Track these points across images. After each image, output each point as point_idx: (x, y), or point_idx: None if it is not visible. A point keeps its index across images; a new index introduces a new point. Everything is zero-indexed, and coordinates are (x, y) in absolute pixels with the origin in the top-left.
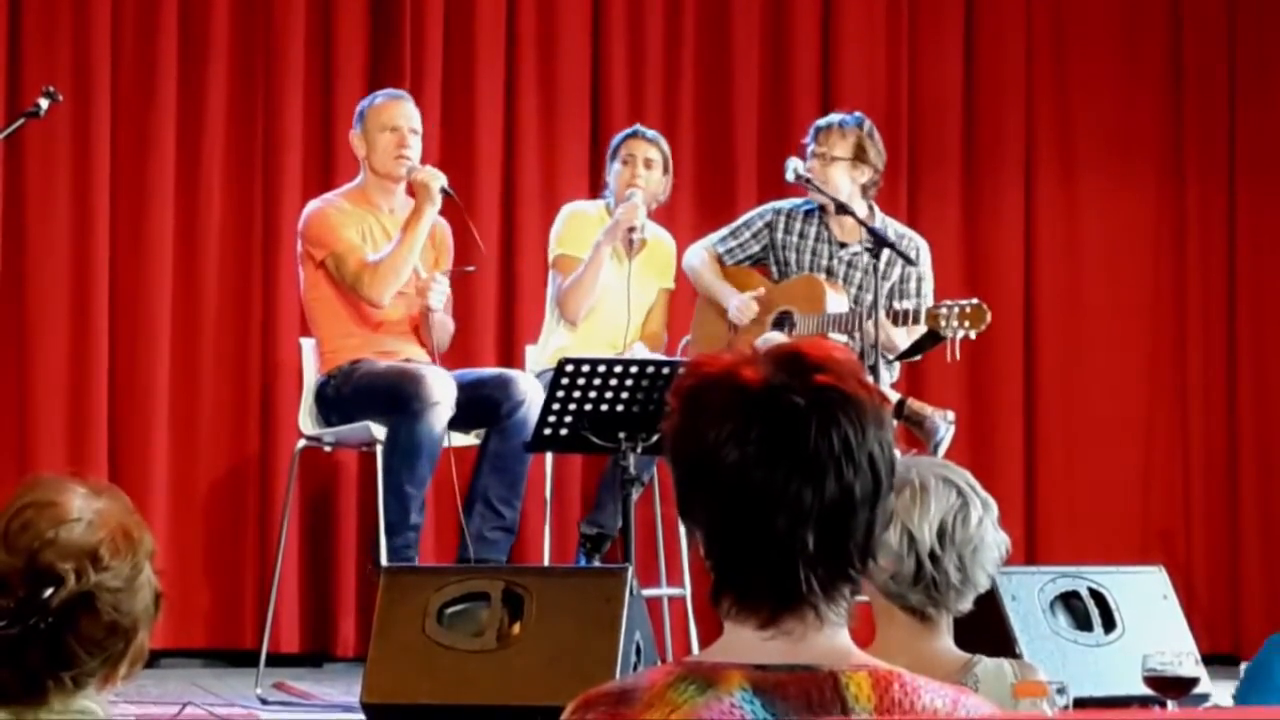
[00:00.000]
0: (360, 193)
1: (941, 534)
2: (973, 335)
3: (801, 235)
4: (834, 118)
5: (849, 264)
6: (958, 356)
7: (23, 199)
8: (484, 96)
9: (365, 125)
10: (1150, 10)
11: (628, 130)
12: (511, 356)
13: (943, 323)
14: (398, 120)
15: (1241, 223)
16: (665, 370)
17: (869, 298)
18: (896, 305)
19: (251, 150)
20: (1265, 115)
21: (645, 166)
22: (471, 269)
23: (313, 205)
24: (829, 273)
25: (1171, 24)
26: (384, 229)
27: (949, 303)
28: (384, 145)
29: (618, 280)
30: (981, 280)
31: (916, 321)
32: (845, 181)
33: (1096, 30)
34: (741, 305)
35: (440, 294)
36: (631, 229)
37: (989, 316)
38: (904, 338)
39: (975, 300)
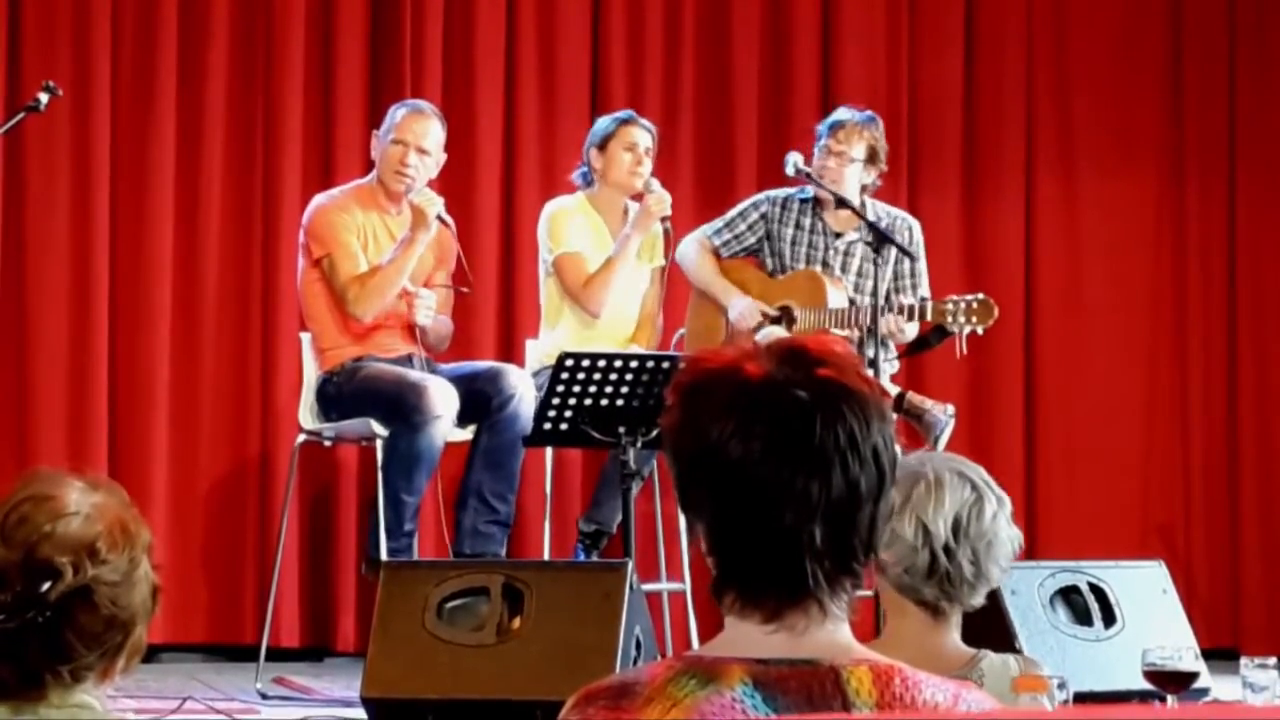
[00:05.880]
0: (369, 192)
1: (956, 527)
2: (980, 330)
3: (798, 226)
4: (852, 115)
5: (845, 254)
6: (965, 351)
7: (23, 194)
8: (484, 96)
9: (383, 130)
10: (1150, 8)
11: (621, 116)
12: (511, 352)
13: (949, 318)
14: (406, 136)
15: (1242, 218)
16: (665, 365)
17: (868, 284)
18: (900, 299)
19: (251, 149)
20: (1265, 113)
21: (645, 155)
22: (465, 290)
23: (319, 200)
24: (825, 264)
25: (1171, 22)
26: (388, 230)
27: (955, 298)
28: (388, 157)
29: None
30: (982, 277)
31: (923, 317)
32: (855, 180)
33: (1097, 28)
34: (744, 312)
35: (425, 310)
36: (664, 218)
37: (996, 311)
38: (912, 331)
39: (981, 295)
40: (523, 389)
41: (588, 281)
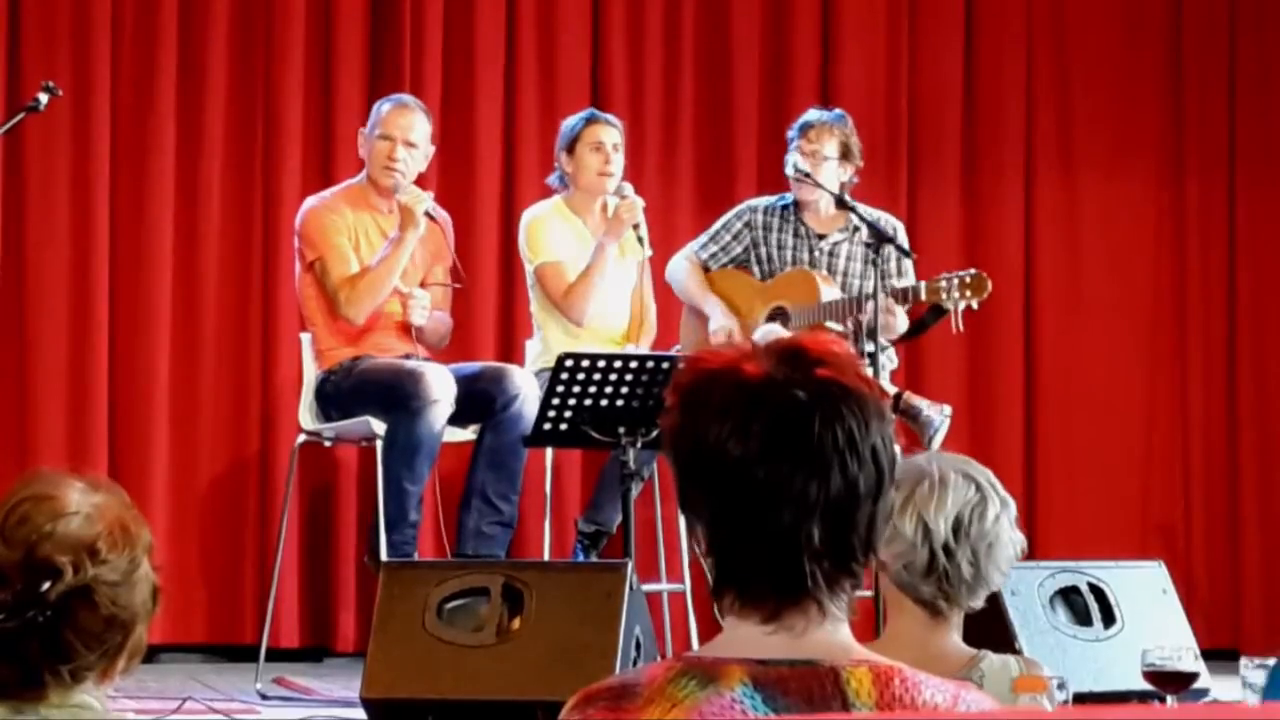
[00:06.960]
0: (360, 191)
1: (957, 527)
2: (974, 305)
3: (781, 231)
4: (820, 115)
5: (830, 254)
6: (961, 328)
7: (22, 194)
8: (484, 95)
9: (369, 127)
10: (1150, 8)
11: (584, 115)
12: (511, 352)
13: (944, 295)
14: (392, 130)
15: (1241, 217)
16: (665, 365)
17: (854, 284)
18: (894, 284)
19: (251, 148)
20: (1265, 111)
21: (614, 151)
22: (458, 285)
23: (309, 203)
24: (812, 266)
25: (1171, 22)
26: (380, 229)
27: (948, 274)
28: (376, 153)
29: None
30: None
31: (917, 299)
32: (832, 179)
33: (1097, 27)
34: (718, 330)
35: (420, 310)
36: (635, 225)
37: (989, 285)
38: (904, 318)
39: (974, 270)
40: (527, 389)
41: (567, 291)
